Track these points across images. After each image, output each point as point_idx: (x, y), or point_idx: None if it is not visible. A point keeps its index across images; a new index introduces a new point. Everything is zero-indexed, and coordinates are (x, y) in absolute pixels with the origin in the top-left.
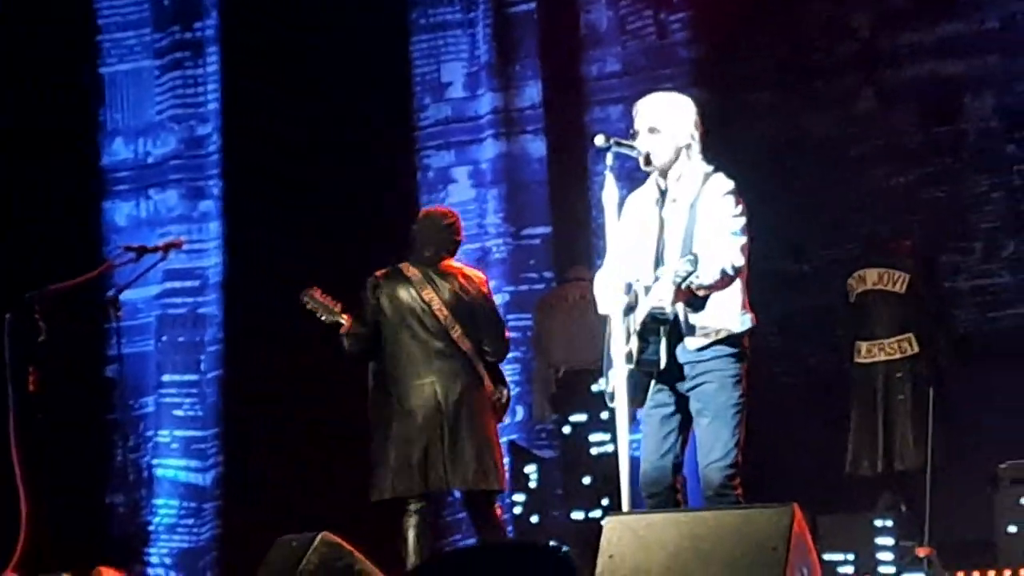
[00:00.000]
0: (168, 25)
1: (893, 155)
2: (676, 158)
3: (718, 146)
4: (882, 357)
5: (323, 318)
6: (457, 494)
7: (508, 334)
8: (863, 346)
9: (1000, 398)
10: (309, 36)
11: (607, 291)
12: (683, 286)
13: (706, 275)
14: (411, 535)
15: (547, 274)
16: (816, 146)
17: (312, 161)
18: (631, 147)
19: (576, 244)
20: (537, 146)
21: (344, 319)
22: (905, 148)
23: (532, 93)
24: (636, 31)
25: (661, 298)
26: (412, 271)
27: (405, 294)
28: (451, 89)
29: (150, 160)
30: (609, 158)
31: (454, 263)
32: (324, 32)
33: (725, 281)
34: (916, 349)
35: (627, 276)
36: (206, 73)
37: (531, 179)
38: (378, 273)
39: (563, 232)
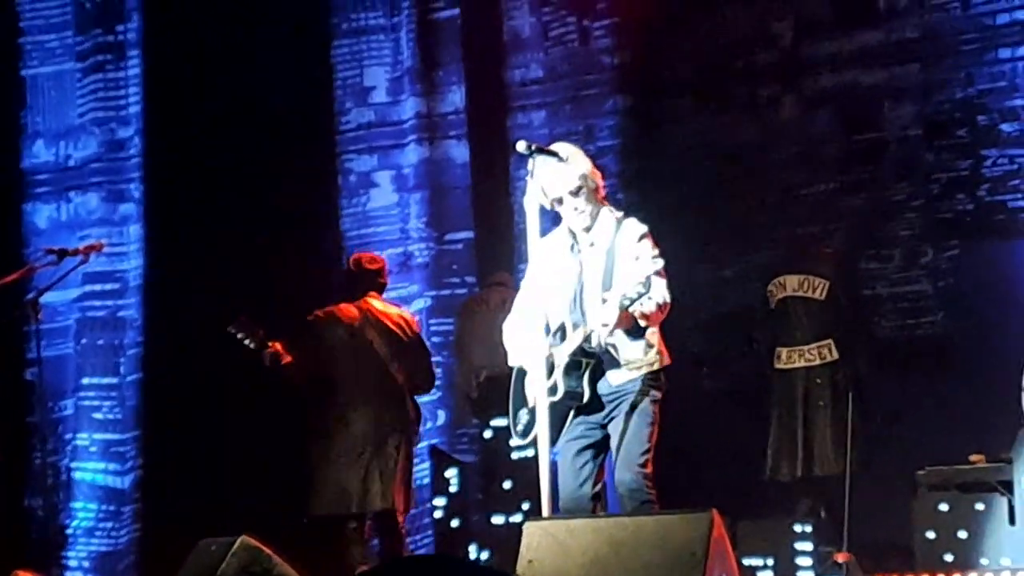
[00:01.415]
0: (90, 28)
1: (814, 162)
2: (596, 205)
3: (639, 153)
4: (802, 363)
5: (251, 345)
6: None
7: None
8: (783, 352)
9: (918, 404)
10: (231, 40)
11: (522, 338)
12: (630, 309)
13: (648, 304)
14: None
15: (469, 279)
16: (737, 153)
17: (233, 164)
18: (553, 153)
19: (498, 249)
20: (460, 151)
21: (272, 347)
22: (826, 156)
23: (455, 98)
24: (559, 37)
25: (606, 321)
26: (350, 312)
27: (344, 332)
28: (374, 94)
29: (71, 163)
30: (531, 164)
31: (389, 305)
32: (246, 36)
33: (659, 314)
34: (836, 355)
35: (544, 319)
36: (128, 76)
37: (454, 184)
38: (319, 313)
39: (485, 237)
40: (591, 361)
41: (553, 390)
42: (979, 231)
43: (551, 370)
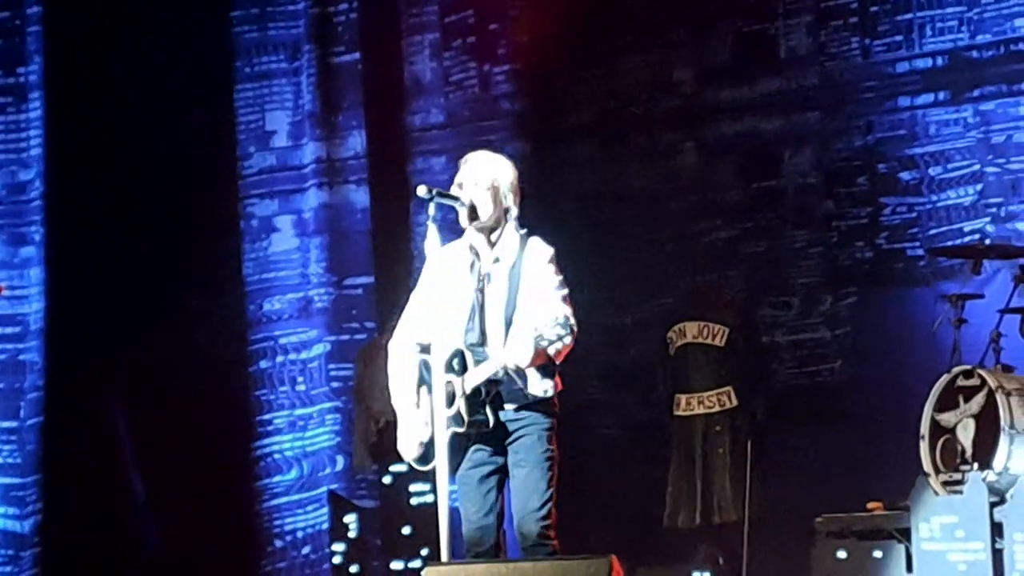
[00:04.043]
0: None
1: (713, 210)
2: (499, 218)
3: (540, 199)
4: (701, 410)
5: None
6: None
7: None
8: (682, 399)
9: (817, 452)
10: (134, 83)
11: (412, 361)
12: (546, 348)
13: (562, 342)
14: None
15: (369, 324)
16: (637, 200)
17: (135, 207)
18: (454, 198)
19: (399, 294)
20: (360, 196)
21: None
22: (725, 203)
23: (356, 143)
24: (460, 82)
25: (519, 359)
26: None
27: None
28: (275, 138)
29: None
30: (431, 209)
31: None
32: (149, 79)
33: (571, 346)
34: (734, 402)
35: (442, 342)
36: (29, 118)
37: (354, 229)
38: None
39: (386, 282)
40: (495, 388)
41: (458, 420)
42: (878, 279)
43: (452, 399)
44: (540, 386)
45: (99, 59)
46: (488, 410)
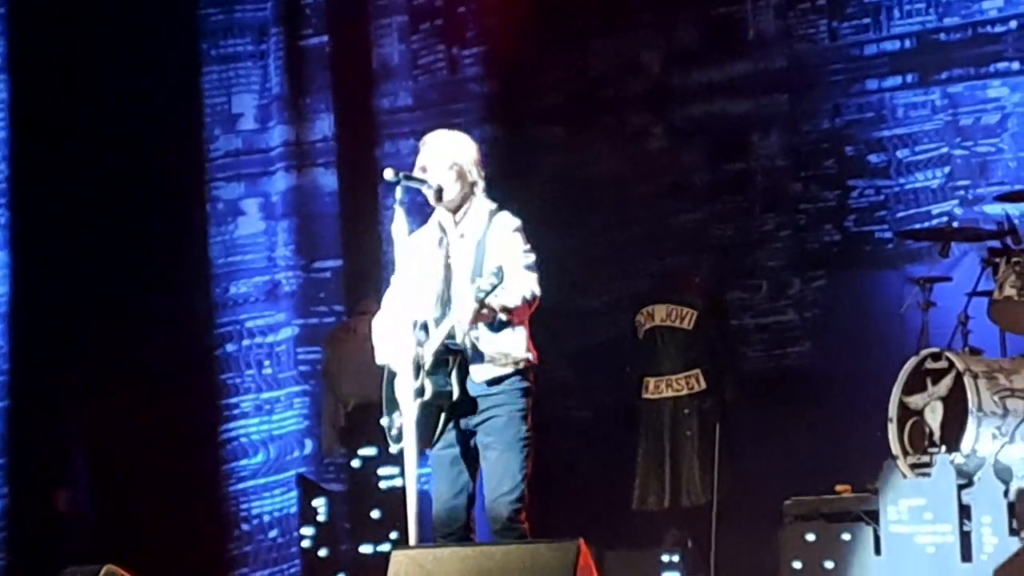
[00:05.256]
0: None
1: (682, 192)
2: (466, 194)
3: (509, 181)
4: (669, 393)
5: None
6: None
7: None
8: (651, 382)
9: (785, 435)
10: (99, 65)
11: (391, 335)
12: (486, 302)
13: (509, 297)
14: None
15: (337, 307)
16: (606, 182)
17: (101, 191)
18: (421, 181)
19: (367, 277)
20: (328, 179)
21: None
22: (694, 186)
23: (323, 126)
24: (428, 65)
25: (461, 317)
26: None
27: None
28: (242, 121)
29: None
30: (399, 192)
31: None
32: (114, 61)
33: (524, 308)
34: (703, 386)
35: (410, 316)
36: None
37: (322, 212)
38: None
39: (354, 265)
40: (457, 357)
41: (421, 391)
42: (846, 262)
43: (418, 370)
44: (503, 352)
45: (63, 42)
46: (453, 380)
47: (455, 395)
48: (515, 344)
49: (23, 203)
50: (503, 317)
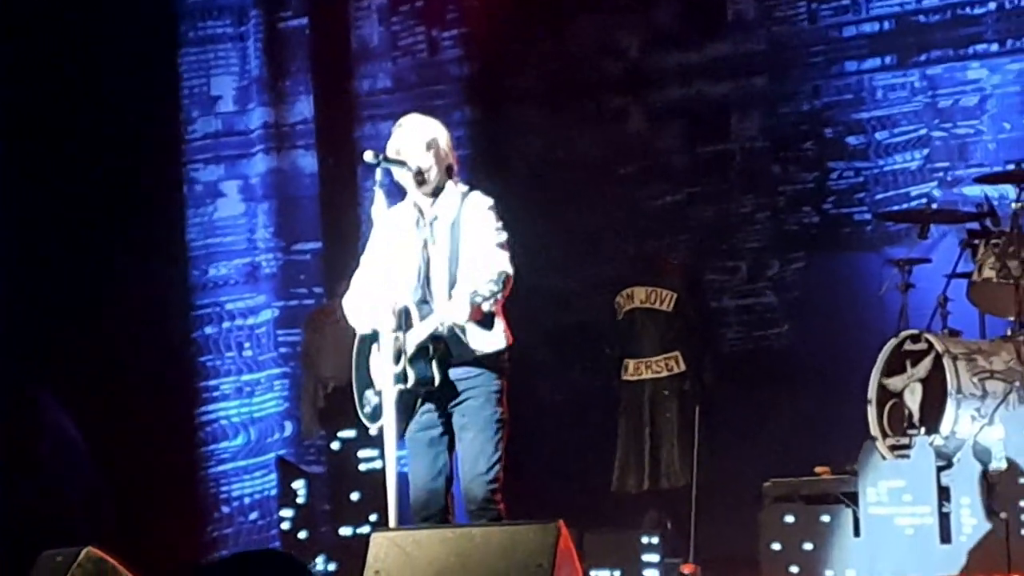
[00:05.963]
0: None
1: (661, 174)
2: (442, 177)
3: (488, 162)
4: (649, 375)
5: None
6: None
7: None
8: (630, 363)
9: (764, 416)
10: (77, 47)
11: (372, 312)
12: (480, 305)
13: (499, 288)
14: None
15: (317, 289)
16: (585, 164)
17: (79, 173)
18: (401, 163)
19: (346, 259)
20: (308, 161)
21: None
22: (673, 168)
23: (303, 108)
24: (407, 47)
25: (456, 315)
26: None
27: None
28: (221, 103)
29: None
30: (378, 174)
31: None
32: (92, 43)
33: (506, 293)
34: (683, 367)
35: (391, 299)
36: None
37: (302, 194)
38: None
39: (333, 247)
40: (440, 345)
41: (404, 378)
42: (825, 244)
43: (399, 356)
44: (483, 341)
45: (42, 23)
46: (435, 367)
47: (436, 381)
48: (494, 329)
49: (1, 185)
50: (492, 309)
